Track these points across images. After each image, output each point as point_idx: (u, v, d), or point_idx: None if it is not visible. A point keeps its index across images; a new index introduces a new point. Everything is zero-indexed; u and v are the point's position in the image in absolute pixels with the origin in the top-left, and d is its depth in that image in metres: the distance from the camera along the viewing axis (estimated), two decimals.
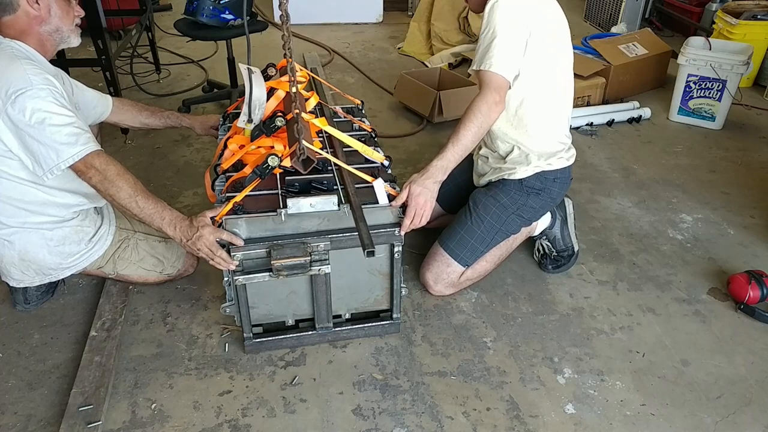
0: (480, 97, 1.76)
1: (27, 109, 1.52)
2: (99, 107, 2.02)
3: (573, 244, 2.14)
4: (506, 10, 1.75)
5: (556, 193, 2.01)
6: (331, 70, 4.13)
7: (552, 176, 1.97)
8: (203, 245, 1.58)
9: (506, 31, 1.74)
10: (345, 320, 1.83)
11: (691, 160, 2.95)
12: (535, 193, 1.97)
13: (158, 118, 2.16)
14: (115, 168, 1.61)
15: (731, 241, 2.35)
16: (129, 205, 1.62)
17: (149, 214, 1.63)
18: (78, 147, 1.57)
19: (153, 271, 1.97)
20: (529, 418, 1.60)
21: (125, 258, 1.92)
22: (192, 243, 1.59)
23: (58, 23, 1.66)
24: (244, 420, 1.58)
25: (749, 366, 1.78)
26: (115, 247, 1.91)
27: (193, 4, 2.94)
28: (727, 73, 3.09)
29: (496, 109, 1.76)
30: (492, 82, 1.75)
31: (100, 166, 1.59)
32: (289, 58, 1.52)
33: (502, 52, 1.74)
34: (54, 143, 1.55)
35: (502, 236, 2.01)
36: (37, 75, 1.55)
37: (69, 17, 1.70)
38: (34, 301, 1.92)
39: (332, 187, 1.65)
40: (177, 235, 1.62)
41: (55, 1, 1.65)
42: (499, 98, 1.76)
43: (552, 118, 1.95)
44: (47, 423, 1.57)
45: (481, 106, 1.74)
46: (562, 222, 2.14)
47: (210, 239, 1.57)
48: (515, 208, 1.97)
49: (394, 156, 1.99)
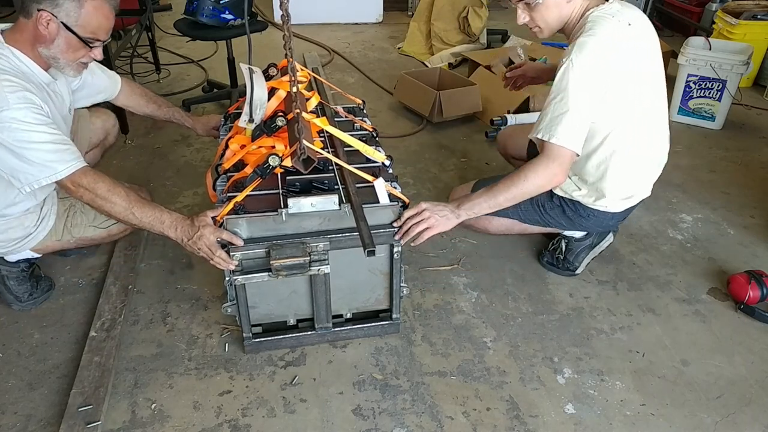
0: (540, 166, 1.66)
1: (5, 127, 1.49)
2: (106, 91, 2.01)
3: (579, 266, 2.10)
4: (580, 76, 1.62)
5: (588, 226, 1.97)
6: (331, 70, 4.13)
7: (587, 212, 1.91)
8: (203, 245, 1.57)
9: (578, 100, 1.62)
10: (345, 320, 1.83)
11: (691, 160, 2.95)
12: (563, 212, 1.94)
13: (163, 112, 2.16)
14: (105, 184, 1.59)
15: (731, 241, 2.35)
16: (126, 218, 1.61)
17: (148, 222, 1.62)
18: (61, 165, 1.55)
19: (107, 222, 1.92)
20: (529, 418, 1.60)
21: (78, 224, 1.89)
22: (193, 242, 1.59)
23: (56, 54, 1.62)
24: (244, 420, 1.58)
25: (749, 366, 1.78)
26: (63, 218, 1.88)
27: (193, 4, 2.94)
28: (727, 73, 3.10)
29: (554, 181, 1.69)
30: (557, 156, 1.65)
31: (88, 185, 1.58)
32: (290, 57, 1.52)
33: (571, 124, 1.63)
34: (34, 161, 1.53)
35: (515, 215, 1.97)
36: (14, 92, 1.51)
37: (73, 55, 1.63)
38: (26, 299, 1.91)
39: (333, 187, 1.65)
40: (178, 236, 1.62)
41: (64, 38, 1.59)
42: (560, 171, 1.66)
43: (616, 173, 1.83)
44: (47, 423, 1.57)
45: (536, 176, 1.66)
46: (588, 246, 2.07)
47: (210, 239, 1.57)
48: (541, 205, 1.95)
49: (394, 156, 1.98)
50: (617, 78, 1.69)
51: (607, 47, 1.65)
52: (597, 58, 1.64)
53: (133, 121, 3.07)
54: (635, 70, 1.73)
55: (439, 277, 2.12)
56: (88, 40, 1.61)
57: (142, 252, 2.19)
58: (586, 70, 1.63)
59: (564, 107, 1.64)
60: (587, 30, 1.66)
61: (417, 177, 2.77)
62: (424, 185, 2.69)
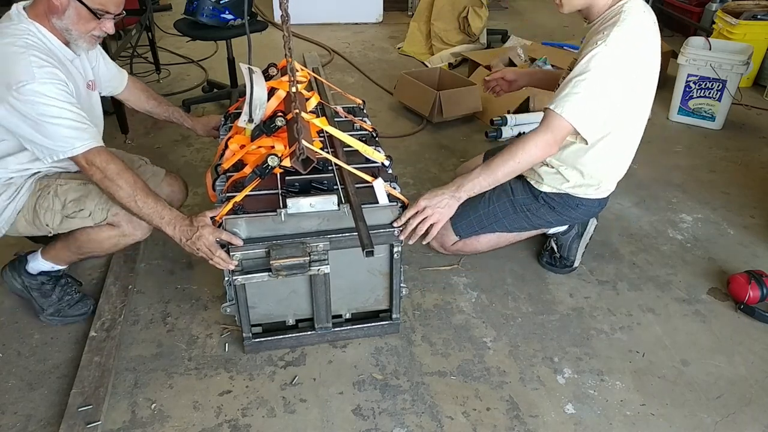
0: (538, 135, 1.69)
1: (29, 100, 1.51)
2: (113, 83, 2.00)
3: (575, 259, 2.12)
4: (607, 62, 1.64)
5: (576, 217, 1.98)
6: (331, 70, 4.13)
7: (576, 202, 1.94)
8: (203, 245, 1.57)
9: (598, 83, 1.65)
10: (345, 320, 1.83)
11: (691, 160, 2.95)
12: (551, 208, 1.95)
13: (162, 110, 2.15)
14: (116, 166, 1.60)
15: (731, 241, 2.35)
16: (128, 204, 1.61)
17: (148, 214, 1.62)
18: (78, 142, 1.56)
19: (79, 217, 1.73)
20: (528, 418, 1.60)
21: (46, 207, 1.73)
22: (192, 243, 1.59)
23: (68, 25, 1.63)
24: (244, 420, 1.58)
25: (749, 366, 1.78)
26: (35, 197, 1.75)
27: (193, 4, 2.94)
28: (727, 73, 3.09)
29: (549, 151, 1.70)
30: (556, 127, 1.67)
31: (100, 164, 1.58)
32: (290, 57, 1.52)
33: (585, 104, 1.66)
34: (53, 136, 1.54)
35: (501, 227, 2.00)
36: (41, 68, 1.54)
37: (84, 27, 1.64)
38: (51, 312, 1.87)
39: (332, 187, 1.65)
40: (176, 235, 1.62)
41: (75, 8, 1.60)
42: (553, 140, 1.68)
43: (613, 161, 1.89)
44: (47, 423, 1.57)
45: (534, 146, 1.68)
46: (576, 236, 2.10)
47: (210, 239, 1.56)
48: (526, 209, 1.96)
49: (394, 156, 1.98)
50: (645, 69, 1.73)
51: (639, 38, 1.70)
52: (629, 47, 1.67)
53: (133, 122, 3.07)
54: (655, 63, 1.78)
55: (439, 277, 2.12)
56: (98, 11, 1.62)
57: (142, 252, 2.19)
58: (618, 55, 1.65)
59: (585, 88, 1.65)
60: (622, 20, 1.67)
61: (417, 177, 2.77)
62: (424, 185, 2.69)
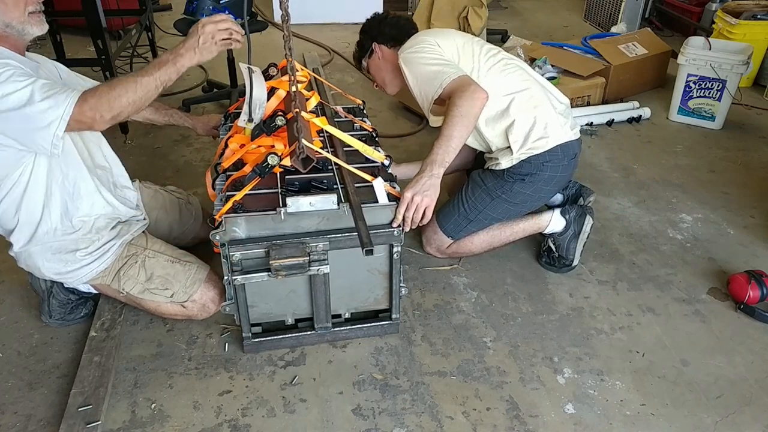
0: (461, 96, 1.76)
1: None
2: None
3: (573, 258, 2.12)
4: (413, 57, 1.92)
5: (549, 176, 1.98)
6: (331, 70, 4.13)
7: (541, 160, 1.95)
8: (209, 30, 1.53)
9: (426, 61, 1.88)
10: (344, 320, 1.83)
11: (691, 160, 2.95)
12: (521, 179, 1.97)
13: (161, 115, 2.14)
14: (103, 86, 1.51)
15: (731, 241, 2.35)
16: (136, 92, 1.52)
17: (158, 77, 1.55)
18: (59, 109, 1.43)
19: (161, 294, 1.78)
20: (528, 418, 1.60)
21: (130, 275, 1.76)
22: (203, 39, 1.53)
23: (2, 18, 1.51)
24: (244, 420, 1.58)
25: (749, 366, 1.78)
26: (121, 262, 1.77)
27: (193, 4, 2.94)
28: (726, 73, 3.09)
29: (480, 97, 1.76)
30: (461, 83, 1.78)
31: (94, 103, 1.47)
32: (290, 57, 1.52)
33: (440, 67, 1.85)
34: (32, 119, 1.43)
35: (487, 218, 2.03)
36: None
37: (15, 8, 1.52)
38: (57, 317, 1.86)
39: (332, 186, 1.65)
40: (188, 49, 1.54)
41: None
42: (475, 88, 1.76)
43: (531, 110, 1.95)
44: (47, 423, 1.57)
45: (464, 102, 1.74)
46: (573, 235, 2.10)
47: (211, 25, 1.53)
48: (500, 192, 1.99)
49: (394, 156, 1.98)
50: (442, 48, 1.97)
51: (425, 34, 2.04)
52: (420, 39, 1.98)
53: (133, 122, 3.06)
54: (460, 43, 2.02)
55: (439, 277, 2.12)
56: None
57: None
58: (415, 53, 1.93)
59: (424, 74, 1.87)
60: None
61: None
62: None
